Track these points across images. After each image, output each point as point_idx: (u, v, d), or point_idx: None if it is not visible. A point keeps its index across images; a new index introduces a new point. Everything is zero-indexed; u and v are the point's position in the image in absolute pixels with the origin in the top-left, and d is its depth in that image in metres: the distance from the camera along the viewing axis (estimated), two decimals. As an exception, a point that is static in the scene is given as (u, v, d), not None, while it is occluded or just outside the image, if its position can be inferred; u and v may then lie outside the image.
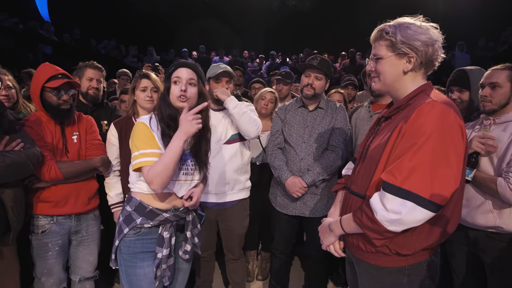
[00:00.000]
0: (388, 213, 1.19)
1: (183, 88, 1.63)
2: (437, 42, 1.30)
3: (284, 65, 10.45)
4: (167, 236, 1.66)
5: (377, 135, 1.43)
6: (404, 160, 1.19)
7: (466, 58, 8.90)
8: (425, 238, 1.29)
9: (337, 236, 1.47)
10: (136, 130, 1.64)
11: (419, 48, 1.28)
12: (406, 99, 1.34)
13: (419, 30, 1.29)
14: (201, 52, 11.02)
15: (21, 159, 1.78)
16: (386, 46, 1.33)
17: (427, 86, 1.35)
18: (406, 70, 1.33)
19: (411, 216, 1.17)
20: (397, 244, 1.29)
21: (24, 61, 7.09)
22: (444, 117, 1.19)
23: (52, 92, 2.03)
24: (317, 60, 2.41)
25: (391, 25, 1.33)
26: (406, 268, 1.33)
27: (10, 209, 1.82)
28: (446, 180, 1.17)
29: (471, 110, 2.20)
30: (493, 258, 1.85)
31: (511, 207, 1.78)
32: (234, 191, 2.44)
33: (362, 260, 1.42)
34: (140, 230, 1.67)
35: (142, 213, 1.66)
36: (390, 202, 1.19)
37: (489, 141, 1.80)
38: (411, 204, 1.16)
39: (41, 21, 9.44)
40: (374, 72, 1.40)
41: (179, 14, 12.46)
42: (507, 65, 1.90)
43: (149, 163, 1.56)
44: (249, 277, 3.15)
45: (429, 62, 1.32)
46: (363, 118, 2.62)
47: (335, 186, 1.70)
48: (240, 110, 2.26)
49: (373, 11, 10.29)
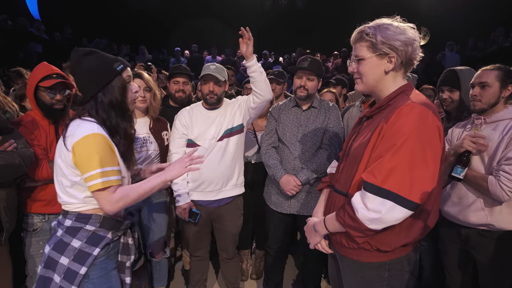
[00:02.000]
0: (369, 212, 1.24)
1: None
2: (415, 41, 1.33)
3: (276, 64, 10.47)
4: (132, 242, 1.61)
5: (359, 134, 1.47)
6: (384, 160, 1.23)
7: (456, 58, 9.01)
8: (404, 235, 1.34)
9: (322, 236, 1.51)
10: (98, 143, 1.41)
11: (399, 48, 1.31)
12: (387, 99, 1.38)
13: (397, 31, 1.32)
14: (194, 51, 10.98)
15: (14, 160, 1.77)
16: (367, 47, 1.36)
17: (407, 86, 1.38)
18: (388, 70, 1.36)
19: (391, 214, 1.22)
20: (378, 241, 1.34)
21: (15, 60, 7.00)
22: (422, 118, 1.23)
23: (46, 91, 2.03)
24: (308, 62, 2.43)
25: (370, 27, 1.36)
26: (387, 263, 1.38)
27: (2, 209, 1.81)
28: (424, 180, 1.21)
29: (461, 110, 2.23)
30: (485, 255, 1.88)
31: (502, 204, 1.81)
32: (227, 188, 2.45)
33: (345, 256, 1.47)
34: (109, 246, 1.52)
35: (110, 226, 1.51)
36: (371, 201, 1.23)
37: (480, 140, 1.83)
38: (391, 203, 1.21)
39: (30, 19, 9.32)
40: (357, 74, 1.43)
41: (172, 13, 12.39)
42: (496, 66, 1.94)
43: (114, 182, 1.43)
44: (243, 276, 3.15)
45: (408, 61, 1.36)
46: (355, 117, 2.64)
47: (320, 185, 1.73)
48: (261, 68, 2.28)
49: (366, 10, 10.35)
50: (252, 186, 2.78)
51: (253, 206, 2.96)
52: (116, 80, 1.47)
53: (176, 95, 2.95)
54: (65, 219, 1.47)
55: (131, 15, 11.66)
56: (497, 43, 8.76)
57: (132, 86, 1.55)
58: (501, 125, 1.85)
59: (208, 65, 2.44)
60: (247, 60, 2.25)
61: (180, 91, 2.93)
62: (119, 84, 1.48)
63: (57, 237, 1.47)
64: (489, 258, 1.86)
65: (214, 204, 2.45)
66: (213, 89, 2.38)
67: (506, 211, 1.81)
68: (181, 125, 2.44)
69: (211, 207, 2.46)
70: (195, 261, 2.61)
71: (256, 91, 2.32)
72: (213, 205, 2.45)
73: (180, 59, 10.44)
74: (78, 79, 1.52)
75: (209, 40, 11.63)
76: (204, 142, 2.39)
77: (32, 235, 2.05)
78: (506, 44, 8.44)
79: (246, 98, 2.44)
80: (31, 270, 2.08)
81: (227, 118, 2.42)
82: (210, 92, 2.39)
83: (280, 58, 11.23)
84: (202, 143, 2.39)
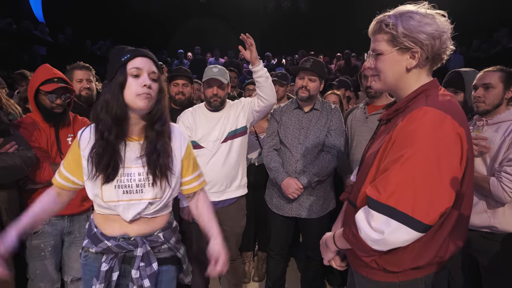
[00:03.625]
0: (372, 232, 1.08)
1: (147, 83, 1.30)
2: (445, 33, 1.13)
3: (279, 66, 10.47)
4: (103, 269, 1.37)
5: (375, 140, 1.33)
6: (390, 173, 1.06)
7: (460, 59, 8.96)
8: (416, 256, 1.15)
9: (334, 252, 1.40)
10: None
11: (424, 42, 1.11)
12: (405, 100, 1.19)
13: (424, 20, 1.11)
14: (197, 53, 11.01)
15: (16, 161, 1.77)
16: (386, 41, 1.16)
17: (429, 85, 1.18)
18: (410, 67, 1.16)
19: (395, 235, 1.04)
20: (385, 260, 1.18)
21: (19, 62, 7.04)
22: (436, 125, 1.04)
23: (46, 95, 2.03)
24: (310, 62, 2.43)
25: (391, 15, 1.15)
26: (398, 284, 1.22)
27: (4, 211, 1.82)
28: (436, 197, 1.03)
29: (465, 112, 2.22)
30: (488, 258, 1.87)
31: (505, 206, 1.80)
32: (232, 189, 2.45)
33: (356, 271, 1.36)
34: (87, 254, 1.45)
35: (89, 235, 1.45)
36: (375, 219, 1.07)
37: (482, 142, 1.82)
38: (396, 223, 1.03)
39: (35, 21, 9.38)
40: (374, 70, 1.24)
41: (175, 15, 12.44)
42: (498, 67, 1.94)
43: None
44: (245, 278, 3.14)
45: (436, 56, 1.15)
46: (358, 119, 2.63)
47: (343, 195, 1.54)
48: (267, 73, 2.30)
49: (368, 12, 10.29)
50: (255, 188, 2.78)
51: (256, 208, 2.96)
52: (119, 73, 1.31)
53: (176, 97, 2.96)
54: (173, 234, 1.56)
55: (134, 17, 11.71)
56: (501, 44, 8.71)
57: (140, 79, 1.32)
58: (503, 127, 1.85)
59: (211, 67, 2.45)
60: (254, 65, 2.25)
61: (180, 93, 2.95)
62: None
63: None
64: (493, 261, 1.85)
65: (218, 205, 2.44)
66: (216, 92, 2.39)
67: (509, 213, 1.80)
68: (185, 127, 2.44)
69: (215, 208, 2.45)
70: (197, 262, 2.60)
71: (261, 95, 2.33)
72: (217, 206, 2.45)
73: (183, 61, 10.47)
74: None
75: (212, 42, 11.67)
76: (208, 144, 2.39)
77: (33, 238, 2.04)
78: (510, 45, 8.39)
79: (250, 100, 2.45)
80: (32, 274, 2.07)
81: (230, 120, 2.43)
82: (214, 96, 2.39)
83: (283, 60, 11.23)
84: (206, 144, 2.40)
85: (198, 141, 2.41)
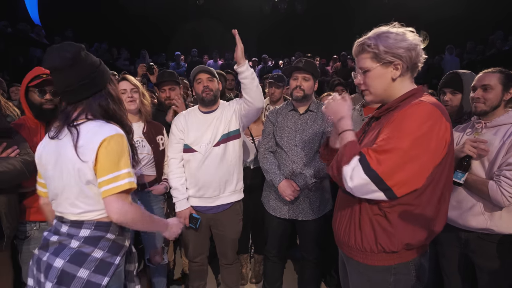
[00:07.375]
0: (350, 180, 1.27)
1: None
2: (417, 45, 1.35)
3: (276, 68, 10.47)
4: (134, 250, 1.62)
5: (367, 135, 1.47)
6: (384, 141, 1.25)
7: (456, 61, 9.02)
8: (410, 235, 1.34)
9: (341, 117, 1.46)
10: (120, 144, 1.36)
11: (403, 55, 1.32)
12: (397, 100, 1.38)
13: (398, 37, 1.33)
14: (194, 56, 11.00)
15: (16, 166, 1.76)
16: (370, 58, 1.37)
17: (417, 90, 1.38)
18: (395, 77, 1.37)
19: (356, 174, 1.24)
20: (383, 240, 1.35)
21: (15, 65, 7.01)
22: (430, 114, 1.24)
23: (35, 91, 2.00)
24: (302, 62, 2.43)
25: (370, 37, 1.36)
26: (393, 267, 1.38)
27: (3, 215, 1.79)
28: (410, 174, 1.22)
29: (461, 113, 2.23)
30: (484, 259, 1.87)
31: (502, 209, 1.80)
32: (226, 194, 2.43)
33: (351, 257, 1.47)
34: (125, 254, 1.52)
35: (125, 234, 1.50)
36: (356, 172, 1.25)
37: (481, 145, 1.82)
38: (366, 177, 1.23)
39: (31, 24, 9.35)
40: (363, 85, 1.44)
41: (172, 18, 12.43)
42: (497, 69, 1.94)
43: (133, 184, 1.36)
44: (243, 280, 3.14)
45: (414, 65, 1.37)
46: (355, 121, 2.62)
47: None
48: (254, 75, 2.24)
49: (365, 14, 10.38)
50: (251, 191, 2.77)
51: (252, 211, 2.95)
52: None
53: (166, 102, 2.95)
54: (79, 229, 1.37)
55: (131, 20, 11.70)
56: (495, 47, 8.78)
57: None
58: (502, 130, 1.85)
59: (196, 67, 2.47)
60: (238, 65, 2.20)
61: (167, 98, 2.93)
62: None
63: (72, 248, 1.35)
64: (489, 262, 1.85)
65: (212, 211, 2.43)
66: (207, 84, 2.37)
67: (506, 216, 1.81)
68: (178, 130, 2.43)
69: (209, 213, 2.44)
70: (194, 267, 2.59)
71: (246, 97, 2.27)
72: (211, 211, 2.43)
73: (180, 63, 10.46)
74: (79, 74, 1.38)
75: (208, 44, 11.67)
76: (200, 147, 2.36)
77: (24, 242, 2.00)
78: (505, 48, 8.46)
79: (240, 102, 2.39)
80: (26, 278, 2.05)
81: (222, 122, 2.39)
82: (205, 88, 2.37)
83: (280, 61, 11.25)
84: (199, 148, 2.37)
85: (190, 144, 2.39)
